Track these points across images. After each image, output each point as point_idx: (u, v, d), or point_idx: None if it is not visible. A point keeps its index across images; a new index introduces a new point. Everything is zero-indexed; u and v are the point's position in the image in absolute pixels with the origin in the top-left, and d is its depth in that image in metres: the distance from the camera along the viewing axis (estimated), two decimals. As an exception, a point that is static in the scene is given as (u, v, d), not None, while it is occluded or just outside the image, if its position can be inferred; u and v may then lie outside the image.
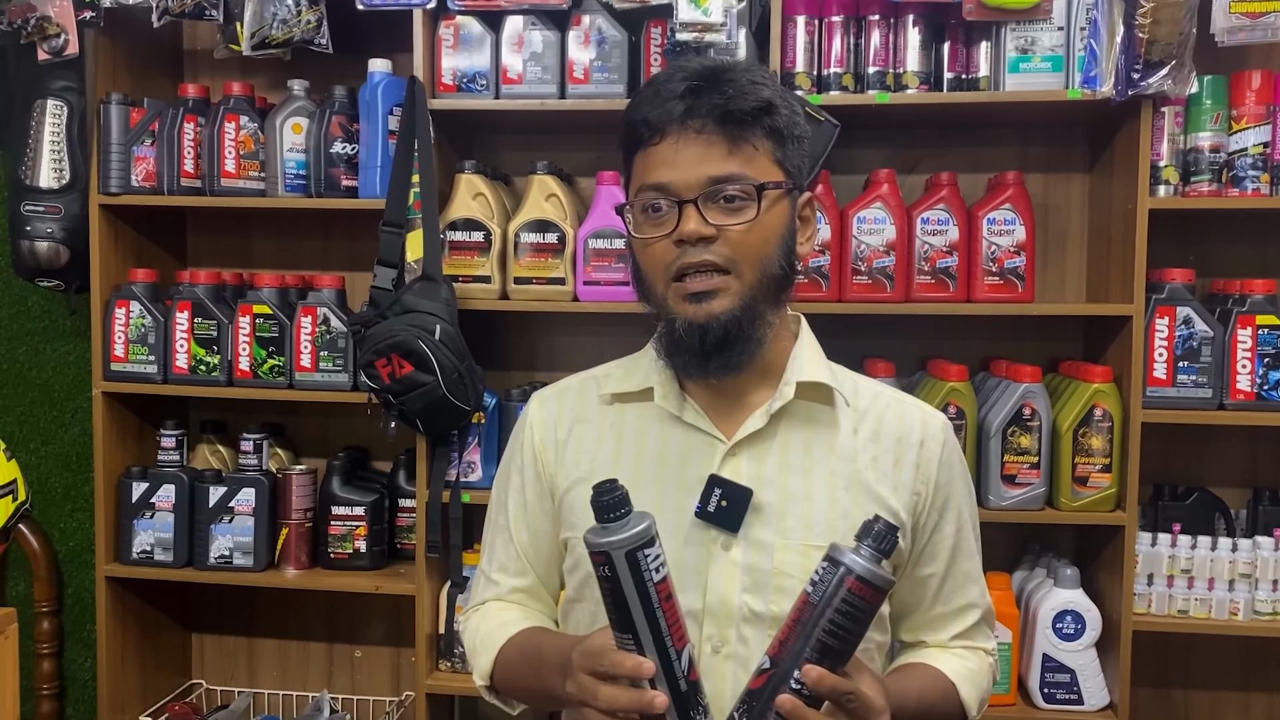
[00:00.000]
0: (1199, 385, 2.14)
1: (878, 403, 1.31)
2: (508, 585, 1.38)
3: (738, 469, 1.23)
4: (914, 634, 1.36)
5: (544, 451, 1.33)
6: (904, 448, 1.28)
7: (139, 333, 2.37)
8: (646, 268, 1.22)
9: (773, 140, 1.20)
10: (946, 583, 1.32)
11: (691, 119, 1.17)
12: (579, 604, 1.31)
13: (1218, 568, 2.17)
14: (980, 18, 2.10)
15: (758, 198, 1.17)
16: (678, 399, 1.27)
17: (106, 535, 2.42)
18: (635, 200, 1.22)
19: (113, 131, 2.34)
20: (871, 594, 1.02)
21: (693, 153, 1.17)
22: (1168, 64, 2.02)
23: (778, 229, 1.20)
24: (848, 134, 2.13)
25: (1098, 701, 2.18)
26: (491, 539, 1.41)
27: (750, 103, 1.17)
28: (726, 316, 1.17)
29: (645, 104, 1.21)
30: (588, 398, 1.34)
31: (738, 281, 1.18)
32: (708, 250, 1.17)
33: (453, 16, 2.23)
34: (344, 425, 2.59)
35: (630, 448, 1.28)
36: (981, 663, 1.35)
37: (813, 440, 1.26)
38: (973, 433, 2.16)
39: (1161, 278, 2.17)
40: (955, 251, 2.19)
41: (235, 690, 2.68)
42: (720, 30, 2.10)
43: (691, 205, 1.16)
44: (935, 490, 1.28)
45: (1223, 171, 2.15)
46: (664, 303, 1.20)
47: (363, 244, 2.48)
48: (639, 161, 1.22)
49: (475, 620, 1.38)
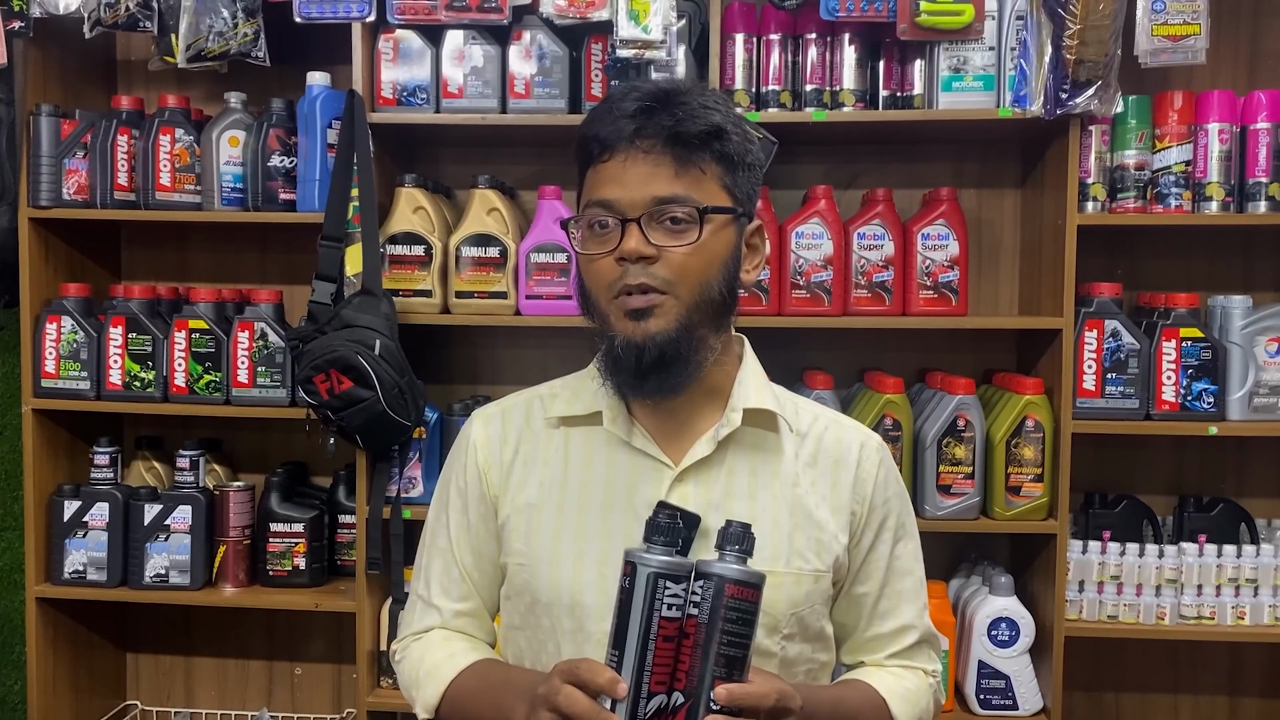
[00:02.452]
0: (1126, 396, 2.20)
1: (816, 425, 1.32)
2: (450, 610, 1.34)
3: (685, 495, 1.23)
4: (853, 655, 1.37)
5: (489, 472, 1.31)
6: (841, 469, 1.29)
7: (71, 348, 2.32)
8: (590, 284, 1.22)
9: (722, 165, 1.20)
10: (882, 602, 1.32)
11: (641, 138, 1.17)
12: (521, 632, 1.29)
13: (1145, 574, 2.23)
14: (914, 37, 2.14)
15: (700, 221, 1.18)
16: (626, 424, 1.26)
17: (37, 555, 2.37)
18: (582, 216, 1.22)
19: (43, 143, 2.29)
20: (752, 593, 1.06)
21: (640, 172, 1.18)
22: (1094, 84, 2.08)
23: (720, 254, 1.20)
24: (786, 150, 2.16)
25: (1032, 706, 2.22)
26: (429, 562, 1.37)
27: (699, 126, 1.18)
28: (663, 337, 1.17)
29: (597, 121, 1.21)
30: (534, 419, 1.33)
31: (676, 302, 1.18)
32: (645, 271, 1.17)
33: (392, 30, 2.22)
34: (283, 440, 2.56)
35: (578, 472, 1.27)
36: (920, 683, 1.34)
37: (758, 466, 1.26)
38: (909, 444, 2.20)
39: (1090, 291, 2.23)
40: (891, 266, 2.23)
41: (172, 710, 2.63)
42: (660, 47, 2.12)
43: (634, 224, 1.17)
44: (870, 510, 1.30)
45: (1148, 189, 2.21)
46: (605, 319, 1.21)
47: (301, 258, 2.46)
48: (589, 177, 1.23)
49: (418, 650, 1.34)
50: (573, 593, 1.22)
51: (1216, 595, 2.21)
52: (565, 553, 1.24)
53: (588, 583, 1.22)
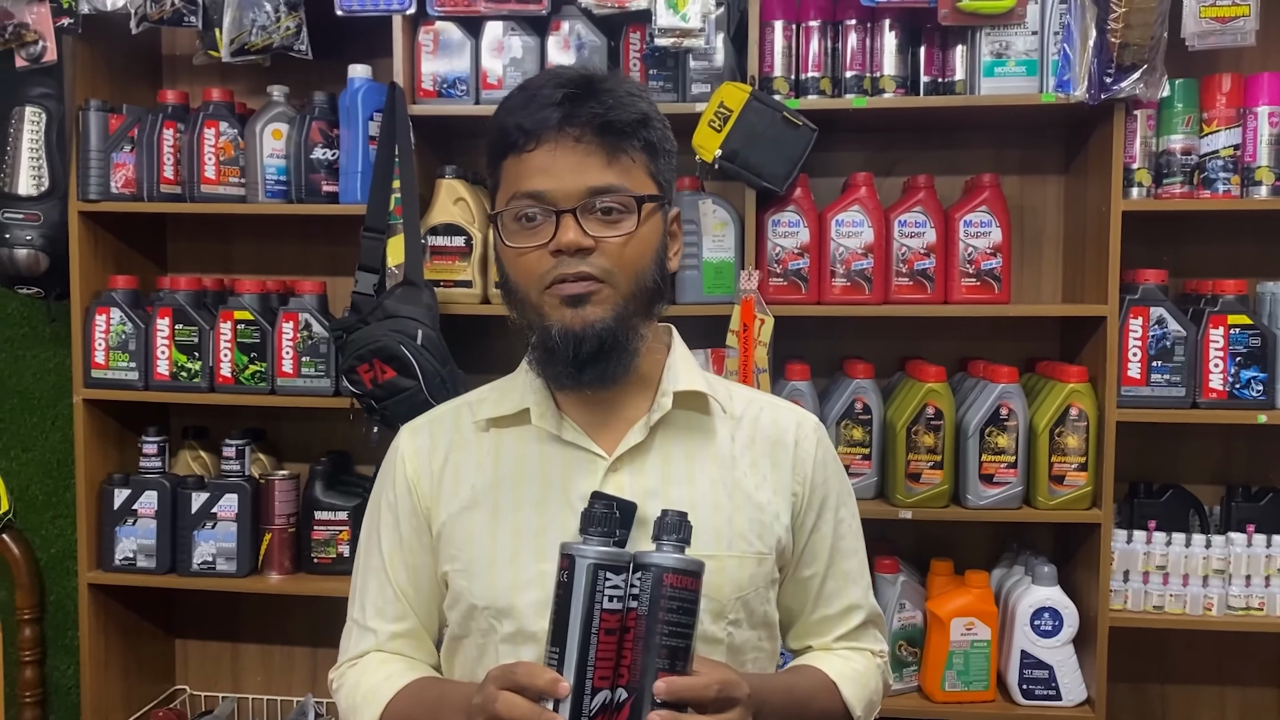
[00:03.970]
0: (1173, 384, 2.17)
1: (752, 408, 1.31)
2: (386, 631, 1.30)
3: (620, 484, 1.21)
4: (800, 640, 1.36)
5: (419, 483, 1.28)
6: (779, 450, 1.28)
7: (119, 339, 2.36)
8: (517, 278, 1.19)
9: (647, 153, 1.19)
10: (828, 583, 1.32)
11: (569, 126, 1.15)
12: (464, 640, 1.26)
13: (1192, 564, 2.20)
14: (955, 22, 2.12)
15: (637, 210, 1.17)
16: (555, 418, 1.24)
17: (88, 542, 2.41)
18: (508, 208, 1.18)
19: (91, 138, 2.33)
20: (691, 581, 1.04)
21: (570, 161, 1.15)
22: (1140, 68, 2.05)
23: (652, 242, 1.20)
24: (825, 137, 2.15)
25: (1075, 697, 2.21)
26: (363, 583, 1.33)
27: (629, 115, 1.16)
28: (601, 326, 1.15)
29: (518, 109, 1.18)
30: (462, 425, 1.30)
31: (613, 292, 1.16)
32: (584, 261, 1.15)
33: (432, 22, 2.24)
34: (326, 430, 2.59)
35: (509, 471, 1.25)
36: (868, 663, 1.34)
37: (693, 449, 1.25)
38: (950, 433, 2.18)
39: (1135, 279, 2.20)
40: (933, 253, 2.21)
41: (219, 695, 2.67)
42: (698, 35, 2.12)
43: (570, 215, 1.14)
44: (811, 490, 1.29)
45: (1194, 174, 2.18)
46: (538, 310, 1.18)
47: (344, 249, 2.48)
48: (510, 167, 1.19)
49: (354, 676, 1.30)
50: (511, 593, 1.20)
51: (1266, 586, 2.18)
52: (501, 554, 1.21)
53: (526, 581, 1.19)
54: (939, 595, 2.25)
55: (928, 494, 2.19)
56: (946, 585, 2.27)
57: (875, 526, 2.40)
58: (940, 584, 2.28)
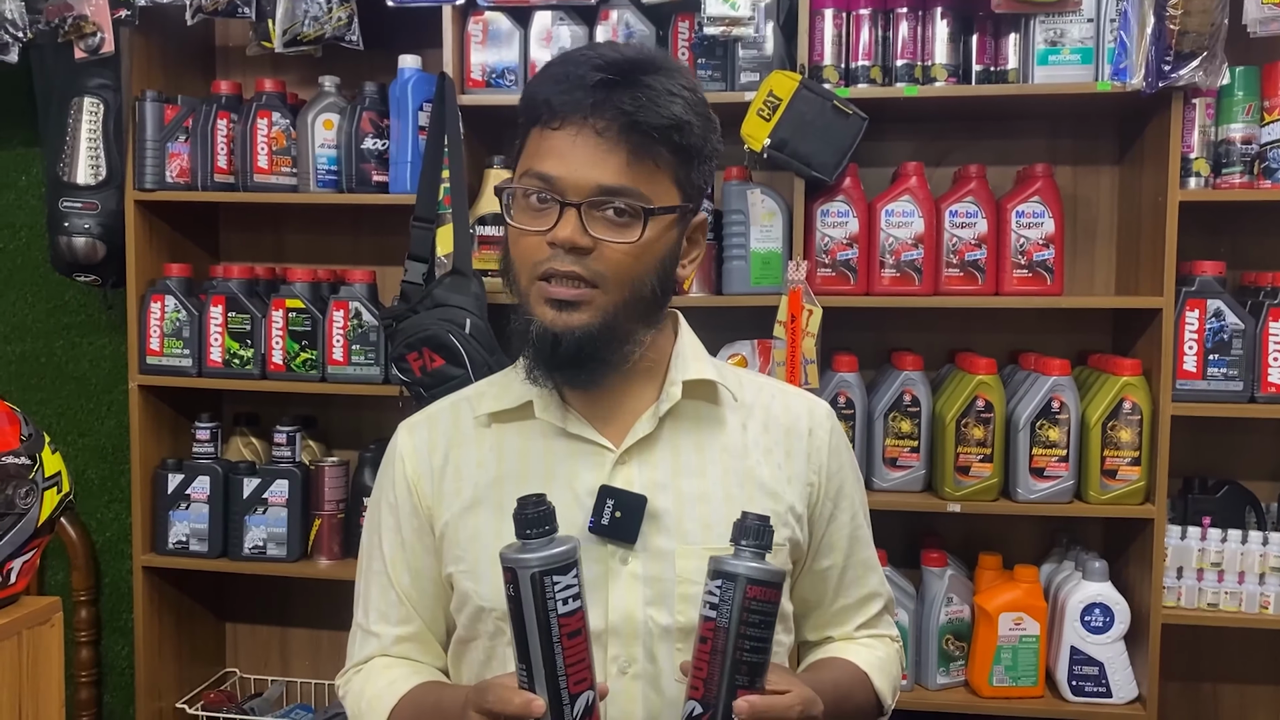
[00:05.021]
0: (1230, 378, 2.13)
1: (762, 395, 1.26)
2: (390, 636, 1.26)
3: (629, 477, 1.17)
4: (819, 631, 1.33)
5: (419, 483, 1.23)
6: (793, 439, 1.24)
7: (174, 327, 2.40)
8: (515, 258, 1.14)
9: (678, 158, 1.12)
10: (847, 573, 1.29)
11: (596, 116, 1.07)
12: (472, 643, 1.22)
13: (1248, 561, 2.16)
14: (1009, 10, 2.10)
15: (645, 219, 1.10)
16: (559, 410, 1.19)
17: (143, 526, 2.46)
18: (518, 183, 1.13)
19: (148, 128, 2.37)
20: (773, 593, 1.00)
21: (588, 153, 1.08)
22: (1199, 55, 2.01)
23: (658, 252, 1.13)
24: (875, 127, 2.14)
25: (1126, 694, 2.18)
26: (366, 588, 1.29)
27: (661, 118, 1.08)
28: (583, 332, 1.10)
29: (552, 82, 1.11)
30: (462, 420, 1.25)
31: (603, 296, 1.10)
32: (578, 262, 1.09)
33: (481, 12, 2.24)
34: (375, 417, 2.62)
35: (513, 467, 1.19)
36: (889, 650, 1.32)
37: (703, 440, 1.20)
38: (1000, 425, 2.16)
39: (1192, 270, 2.16)
40: (984, 244, 2.19)
41: (269, 679, 2.71)
42: (748, 24, 2.11)
43: (574, 210, 1.08)
44: (828, 479, 1.25)
45: (1254, 163, 2.14)
46: (525, 297, 1.13)
47: (393, 239, 2.50)
48: (533, 138, 1.13)
49: (359, 682, 1.27)
50: None
51: (1324, 585, 2.14)
52: None
53: None
54: (987, 590, 2.23)
55: (977, 487, 2.16)
56: (995, 580, 2.25)
57: (923, 520, 2.39)
58: (988, 578, 2.25)
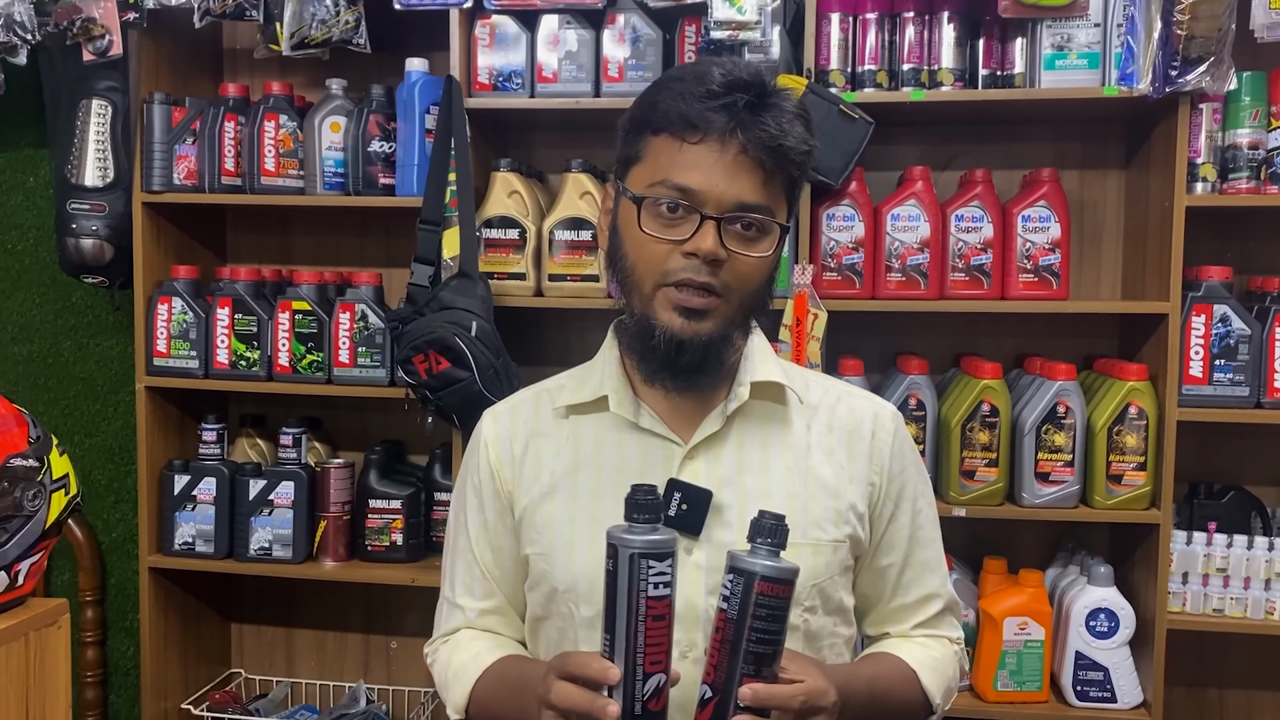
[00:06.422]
0: (1236, 384, 2.13)
1: (828, 397, 1.32)
2: (475, 609, 1.35)
3: (696, 472, 1.23)
4: (877, 627, 1.37)
5: (501, 468, 1.32)
6: (856, 440, 1.29)
7: (181, 328, 2.41)
8: (638, 263, 1.19)
9: (795, 179, 1.20)
10: (906, 572, 1.32)
11: (740, 135, 1.14)
12: (546, 621, 1.29)
13: (1254, 567, 2.16)
14: (1016, 14, 2.10)
15: (778, 236, 1.19)
16: (633, 405, 1.26)
17: (149, 527, 2.46)
18: (651, 191, 1.17)
19: (155, 130, 2.38)
20: (783, 589, 1.04)
21: (729, 169, 1.14)
22: (1206, 60, 2.01)
23: (774, 266, 1.22)
24: (882, 131, 2.14)
25: (1131, 700, 2.18)
26: (452, 564, 1.38)
27: (800, 144, 1.16)
28: (708, 338, 1.17)
29: (690, 97, 1.15)
30: (542, 411, 1.33)
31: (726, 306, 1.18)
32: (712, 273, 1.15)
33: (489, 15, 2.25)
34: (381, 419, 2.62)
35: (588, 459, 1.27)
36: (946, 651, 1.35)
37: (768, 438, 1.26)
38: (1006, 430, 2.16)
39: (1198, 275, 2.16)
40: (990, 249, 2.19)
41: (274, 679, 2.72)
42: (755, 28, 2.11)
43: (714, 223, 1.15)
44: (889, 480, 1.30)
45: (1261, 169, 2.13)
46: (648, 303, 1.18)
47: (400, 241, 2.51)
48: (662, 148, 1.17)
49: (446, 652, 1.36)
50: (589, 579, 1.21)
51: (1330, 591, 2.14)
52: (580, 539, 1.24)
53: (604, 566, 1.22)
54: (992, 594, 2.23)
55: (982, 492, 2.16)
56: (1000, 584, 2.25)
57: (928, 524, 2.38)
58: (993, 582, 2.25)
